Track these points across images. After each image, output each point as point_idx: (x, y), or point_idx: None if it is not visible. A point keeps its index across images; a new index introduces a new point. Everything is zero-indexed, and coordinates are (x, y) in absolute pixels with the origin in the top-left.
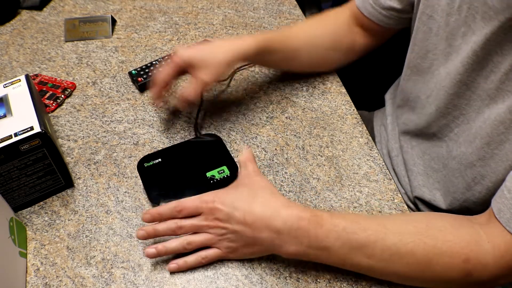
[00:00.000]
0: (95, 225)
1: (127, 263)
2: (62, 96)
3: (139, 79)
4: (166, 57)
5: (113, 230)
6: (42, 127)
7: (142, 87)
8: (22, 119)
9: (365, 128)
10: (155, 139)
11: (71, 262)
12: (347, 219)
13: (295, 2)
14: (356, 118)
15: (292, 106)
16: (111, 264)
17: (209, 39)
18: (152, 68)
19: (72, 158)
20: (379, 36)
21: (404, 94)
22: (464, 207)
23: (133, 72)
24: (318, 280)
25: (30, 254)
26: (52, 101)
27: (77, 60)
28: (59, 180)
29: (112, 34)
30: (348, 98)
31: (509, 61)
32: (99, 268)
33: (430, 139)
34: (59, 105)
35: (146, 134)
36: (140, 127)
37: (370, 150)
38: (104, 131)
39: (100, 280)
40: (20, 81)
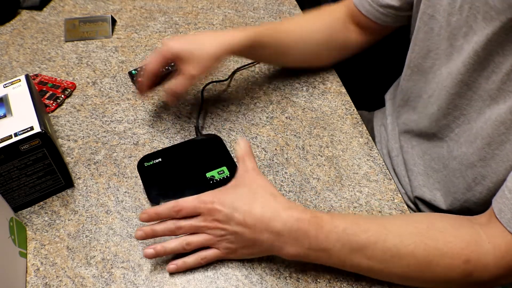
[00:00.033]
0: (95, 225)
1: (127, 263)
2: (62, 96)
3: (139, 79)
4: (155, 48)
5: (113, 230)
6: (42, 127)
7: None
8: (22, 119)
9: (365, 128)
10: (155, 139)
11: (71, 262)
12: (347, 220)
13: (295, 2)
14: (356, 118)
15: (292, 106)
16: (111, 264)
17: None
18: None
19: (72, 158)
20: (375, 34)
21: (405, 94)
22: (465, 208)
23: (133, 72)
24: (318, 280)
25: (30, 254)
26: (52, 101)
27: (77, 60)
28: (59, 180)
29: (112, 34)
30: (348, 98)
31: (510, 62)
32: (99, 268)
33: (431, 139)
34: (59, 105)
35: (146, 134)
36: (140, 127)
37: (370, 150)
38: (104, 131)
39: (100, 280)
40: (20, 81)
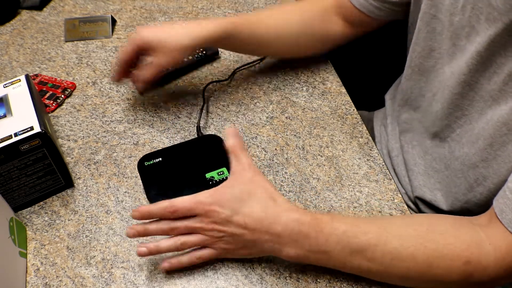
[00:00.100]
0: (95, 225)
1: (127, 263)
2: (62, 96)
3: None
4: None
5: (113, 230)
6: (42, 127)
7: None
8: (22, 119)
9: (365, 128)
10: (155, 139)
11: (71, 262)
12: (347, 222)
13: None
14: (356, 118)
15: (292, 106)
16: (111, 264)
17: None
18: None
19: (72, 158)
20: (365, 27)
21: (405, 93)
22: (465, 209)
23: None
24: (318, 280)
25: (30, 254)
26: (52, 101)
27: (77, 60)
28: (59, 180)
29: (112, 34)
30: (348, 98)
31: None
32: (99, 268)
33: (433, 139)
34: (59, 105)
35: (146, 134)
36: (140, 127)
37: (370, 150)
38: (104, 131)
39: (100, 280)
40: (20, 81)
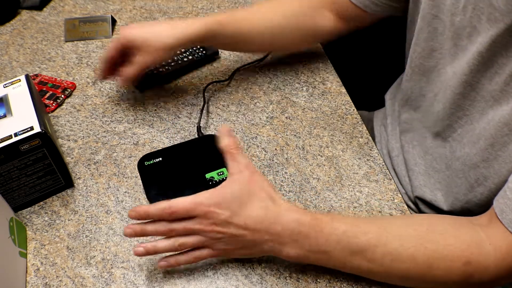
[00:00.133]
0: (95, 225)
1: (127, 263)
2: (62, 96)
3: (139, 79)
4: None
5: (113, 230)
6: (42, 127)
7: (142, 87)
8: (22, 119)
9: (365, 128)
10: (155, 139)
11: (71, 262)
12: (347, 222)
13: None
14: (356, 118)
15: (292, 106)
16: (111, 264)
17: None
18: (152, 68)
19: (72, 158)
20: (358, 22)
21: (406, 93)
22: (466, 209)
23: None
24: (318, 280)
25: (30, 254)
26: (52, 101)
27: (77, 60)
28: (59, 180)
29: (112, 34)
30: (348, 98)
31: None
32: (99, 268)
33: (433, 139)
34: (59, 105)
35: (146, 134)
36: (140, 127)
37: (370, 150)
38: (104, 131)
39: (100, 280)
40: (20, 81)
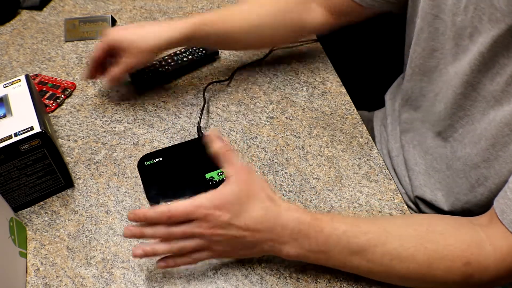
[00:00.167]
0: (95, 225)
1: (127, 263)
2: (62, 96)
3: (139, 79)
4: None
5: (113, 230)
6: (42, 127)
7: (137, 82)
8: (22, 119)
9: (365, 128)
10: (155, 139)
11: (71, 262)
12: (347, 222)
13: None
14: (356, 118)
15: (292, 106)
16: (111, 264)
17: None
18: (152, 68)
19: (72, 158)
20: (351, 17)
21: (406, 93)
22: (466, 209)
23: (133, 72)
24: (318, 280)
25: (30, 254)
26: (52, 101)
27: (77, 60)
28: (59, 180)
29: None
30: (348, 98)
31: None
32: (99, 268)
33: (434, 139)
34: (59, 105)
35: (146, 134)
36: (140, 127)
37: (370, 150)
38: (104, 131)
39: (100, 280)
40: (20, 81)
